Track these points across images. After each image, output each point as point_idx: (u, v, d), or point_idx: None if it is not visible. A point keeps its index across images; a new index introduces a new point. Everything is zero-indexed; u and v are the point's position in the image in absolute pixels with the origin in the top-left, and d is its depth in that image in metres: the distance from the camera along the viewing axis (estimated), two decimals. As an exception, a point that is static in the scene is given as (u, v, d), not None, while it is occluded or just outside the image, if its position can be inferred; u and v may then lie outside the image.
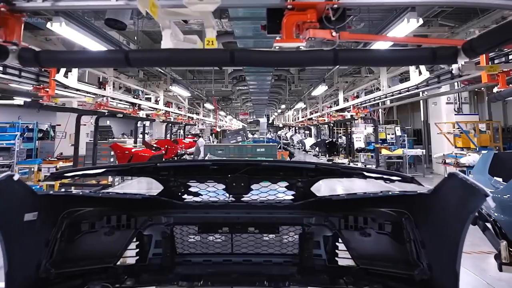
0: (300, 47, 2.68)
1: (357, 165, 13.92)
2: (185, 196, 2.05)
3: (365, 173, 1.91)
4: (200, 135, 16.78)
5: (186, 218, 2.08)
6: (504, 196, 2.87)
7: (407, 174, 1.96)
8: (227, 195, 2.02)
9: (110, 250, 1.98)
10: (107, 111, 9.47)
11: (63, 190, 5.75)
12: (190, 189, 2.04)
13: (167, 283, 1.97)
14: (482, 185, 1.40)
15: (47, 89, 6.82)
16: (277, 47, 2.71)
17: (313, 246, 2.02)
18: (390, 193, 1.92)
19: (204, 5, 2.50)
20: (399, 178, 1.89)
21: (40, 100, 7.10)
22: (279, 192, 2.04)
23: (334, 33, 2.66)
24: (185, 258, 2.09)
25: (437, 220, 1.72)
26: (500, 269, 2.68)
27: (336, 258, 2.04)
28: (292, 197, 2.02)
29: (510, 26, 0.93)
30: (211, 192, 2.06)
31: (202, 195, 2.06)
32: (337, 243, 2.03)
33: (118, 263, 2.02)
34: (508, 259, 2.65)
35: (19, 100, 7.37)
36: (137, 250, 2.06)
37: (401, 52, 1.51)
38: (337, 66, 9.15)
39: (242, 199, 2.02)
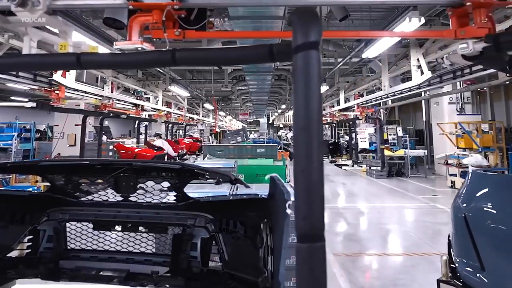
0: (139, 48, 2.76)
1: (361, 167, 13.67)
2: (79, 193, 2.16)
3: (202, 172, 1.95)
4: (160, 133, 15.29)
5: (79, 215, 2.20)
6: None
7: (232, 174, 1.95)
8: (116, 194, 2.12)
9: (2, 243, 2.12)
10: (111, 112, 9.58)
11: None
12: (82, 187, 2.13)
13: (33, 276, 2.10)
14: (288, 188, 1.39)
15: (57, 92, 7.02)
16: (117, 49, 2.78)
17: (190, 247, 2.08)
18: (244, 196, 1.96)
19: (26, 12, 2.67)
20: (222, 178, 1.95)
21: (51, 102, 7.30)
22: (162, 192, 2.11)
23: (177, 33, 2.75)
24: (74, 253, 2.21)
25: (274, 225, 1.73)
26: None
27: (210, 261, 2.11)
28: (175, 198, 2.09)
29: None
30: (102, 191, 2.16)
31: (93, 193, 2.17)
32: (212, 246, 2.09)
33: (16, 255, 2.17)
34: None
35: (31, 103, 7.53)
36: (29, 244, 2.21)
37: (238, 50, 1.49)
38: (338, 66, 9.08)
39: (130, 198, 2.10)
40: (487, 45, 1.76)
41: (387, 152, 12.30)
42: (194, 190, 3.81)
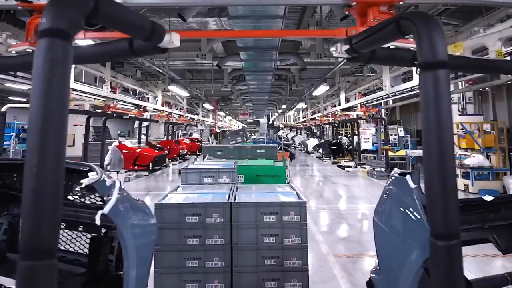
0: (27, 50, 2.85)
1: (364, 168, 13.48)
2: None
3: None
4: (123, 134, 15.05)
5: None
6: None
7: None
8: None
9: None
10: (114, 113, 9.67)
11: None
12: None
13: None
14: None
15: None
16: (13, 52, 2.91)
17: (110, 250, 2.11)
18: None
19: None
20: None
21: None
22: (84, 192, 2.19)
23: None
24: None
25: None
26: None
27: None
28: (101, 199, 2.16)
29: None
30: None
31: None
32: None
33: None
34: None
35: None
36: None
37: (102, 46, 1.58)
38: (339, 66, 9.02)
39: (69, 197, 2.16)
40: (347, 47, 1.74)
41: (388, 153, 12.21)
42: (193, 191, 3.77)
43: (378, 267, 2.19)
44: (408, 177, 1.92)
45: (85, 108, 10.06)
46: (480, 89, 11.76)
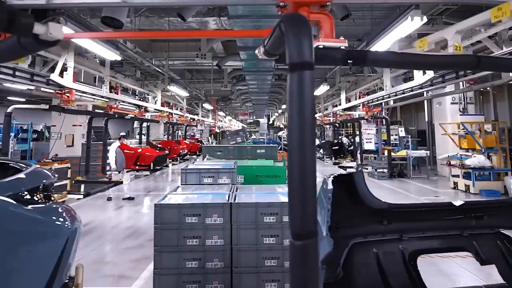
0: None
1: (367, 169, 13.38)
2: None
3: None
4: (124, 135, 12.39)
5: None
6: None
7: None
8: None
9: None
10: (116, 113, 9.73)
11: None
12: None
13: None
14: None
15: (68, 94, 7.50)
16: None
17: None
18: None
19: None
20: None
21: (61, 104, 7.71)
22: None
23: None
24: None
25: None
26: None
27: None
28: None
29: None
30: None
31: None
32: None
33: None
34: None
35: (44, 105, 7.82)
36: None
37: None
38: (339, 65, 8.97)
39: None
40: (263, 49, 1.72)
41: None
42: (193, 191, 3.74)
43: None
44: (329, 178, 1.83)
45: (88, 109, 10.07)
46: (481, 89, 11.73)
